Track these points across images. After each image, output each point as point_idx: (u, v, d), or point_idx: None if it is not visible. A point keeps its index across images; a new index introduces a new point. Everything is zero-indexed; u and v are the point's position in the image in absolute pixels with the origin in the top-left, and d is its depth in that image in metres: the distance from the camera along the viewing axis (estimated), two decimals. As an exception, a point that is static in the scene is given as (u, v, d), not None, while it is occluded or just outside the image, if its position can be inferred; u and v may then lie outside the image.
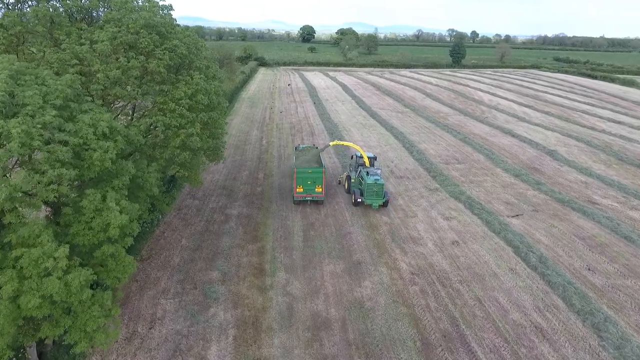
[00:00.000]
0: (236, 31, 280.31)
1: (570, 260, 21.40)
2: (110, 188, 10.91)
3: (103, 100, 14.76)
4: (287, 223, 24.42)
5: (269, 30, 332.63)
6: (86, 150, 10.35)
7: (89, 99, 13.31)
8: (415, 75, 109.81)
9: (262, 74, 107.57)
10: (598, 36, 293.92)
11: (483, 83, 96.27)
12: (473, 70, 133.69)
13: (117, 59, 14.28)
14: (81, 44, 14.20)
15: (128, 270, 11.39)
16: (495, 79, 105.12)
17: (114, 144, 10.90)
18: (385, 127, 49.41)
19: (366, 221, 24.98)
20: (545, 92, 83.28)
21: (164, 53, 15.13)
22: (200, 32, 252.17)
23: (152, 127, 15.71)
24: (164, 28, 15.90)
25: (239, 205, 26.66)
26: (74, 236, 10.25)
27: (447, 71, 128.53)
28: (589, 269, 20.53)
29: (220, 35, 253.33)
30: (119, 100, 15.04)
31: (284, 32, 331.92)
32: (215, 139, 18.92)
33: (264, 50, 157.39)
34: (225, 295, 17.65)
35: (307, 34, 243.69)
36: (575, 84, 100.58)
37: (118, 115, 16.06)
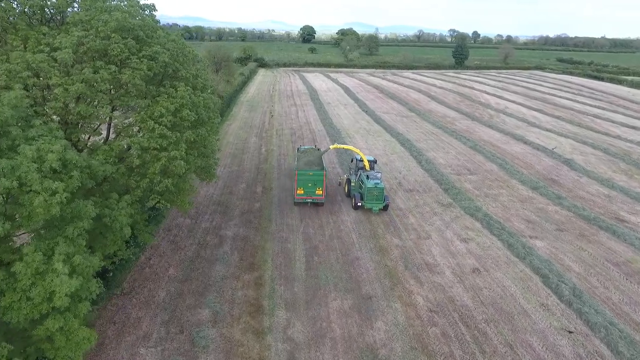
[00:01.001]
0: (236, 31, 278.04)
1: (608, 293, 18.97)
2: (61, 238, 8.50)
3: (66, 121, 12.29)
4: (287, 247, 21.98)
5: (269, 30, 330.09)
6: (26, 193, 7.94)
7: (41, 120, 10.82)
8: (418, 77, 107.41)
9: (262, 75, 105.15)
10: (599, 36, 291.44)
11: (488, 85, 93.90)
12: (477, 71, 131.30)
13: (81, 69, 11.81)
14: (40, 51, 11.75)
15: (83, 347, 8.93)
16: (500, 81, 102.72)
17: (66, 182, 8.48)
18: (391, 134, 46.97)
19: (375, 244, 22.54)
20: (553, 95, 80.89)
21: (141, 62, 12.69)
22: (200, 32, 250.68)
23: (127, 150, 13.26)
24: (142, 32, 13.45)
25: (234, 225, 24.21)
26: (6, 310, 7.85)
27: (451, 72, 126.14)
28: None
29: (220, 35, 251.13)
30: (86, 120, 12.53)
31: (284, 32, 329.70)
32: (205, 157, 16.44)
33: (263, 50, 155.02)
34: (217, 341, 15.21)
35: (308, 35, 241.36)
36: (582, 85, 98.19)
37: (89, 137, 13.54)
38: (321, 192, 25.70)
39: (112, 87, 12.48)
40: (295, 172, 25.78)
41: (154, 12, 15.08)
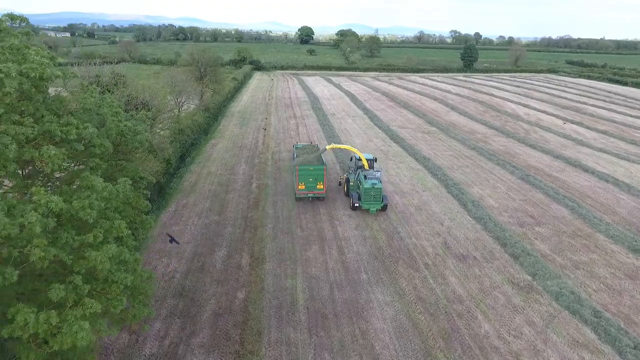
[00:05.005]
0: (232, 32, 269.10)
1: None
2: None
3: None
4: (289, 405, 12.53)
5: (266, 31, 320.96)
6: None
7: None
8: (428, 82, 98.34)
9: (257, 79, 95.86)
10: (599, 37, 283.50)
11: (507, 91, 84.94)
12: (488, 75, 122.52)
13: None
14: None
15: None
16: (518, 86, 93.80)
17: None
18: (415, 157, 37.59)
19: (440, 392, 13.13)
20: (584, 103, 71.82)
21: None
22: (194, 32, 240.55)
23: None
24: None
25: (201, 347, 14.69)
26: None
27: (460, 76, 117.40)
28: None
29: (216, 36, 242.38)
30: None
31: (281, 33, 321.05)
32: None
33: (260, 52, 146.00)
34: None
35: (306, 36, 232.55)
36: (609, 91, 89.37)
37: None
38: (322, 186, 26.20)
39: None
40: (296, 167, 26.12)
41: None
